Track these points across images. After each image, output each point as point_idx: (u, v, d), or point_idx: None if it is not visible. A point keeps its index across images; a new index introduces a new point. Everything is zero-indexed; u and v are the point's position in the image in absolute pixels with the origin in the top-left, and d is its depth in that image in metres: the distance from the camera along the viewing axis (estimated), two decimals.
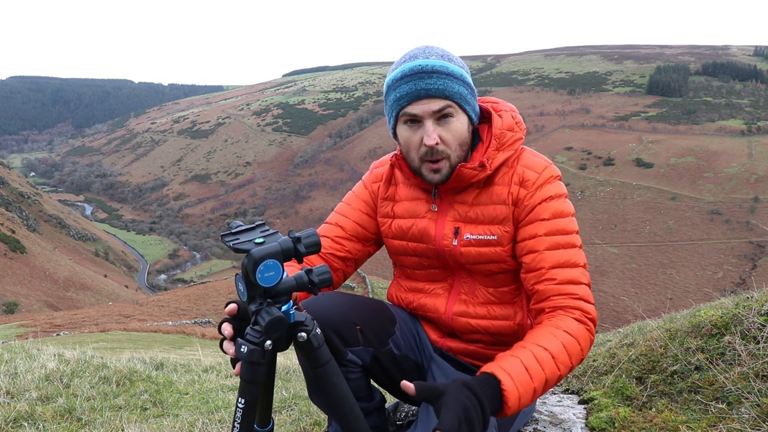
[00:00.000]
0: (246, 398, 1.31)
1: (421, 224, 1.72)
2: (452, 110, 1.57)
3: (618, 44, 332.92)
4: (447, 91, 1.54)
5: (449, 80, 1.55)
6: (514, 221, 1.63)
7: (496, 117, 1.67)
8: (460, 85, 1.57)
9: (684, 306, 3.26)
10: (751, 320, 2.00)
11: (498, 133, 1.64)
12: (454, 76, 1.56)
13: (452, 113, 1.57)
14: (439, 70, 1.54)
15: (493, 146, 1.63)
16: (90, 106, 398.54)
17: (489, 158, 1.62)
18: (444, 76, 1.54)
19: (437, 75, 1.54)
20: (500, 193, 1.64)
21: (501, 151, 1.64)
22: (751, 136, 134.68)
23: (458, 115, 1.59)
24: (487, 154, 1.63)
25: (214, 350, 8.49)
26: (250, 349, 1.25)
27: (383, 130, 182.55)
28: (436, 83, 1.54)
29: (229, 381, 3.59)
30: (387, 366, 1.72)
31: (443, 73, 1.54)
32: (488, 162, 1.61)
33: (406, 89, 1.56)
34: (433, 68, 1.54)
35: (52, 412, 2.66)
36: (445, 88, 1.54)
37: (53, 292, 59.33)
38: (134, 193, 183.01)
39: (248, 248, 1.21)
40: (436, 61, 1.55)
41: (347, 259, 1.82)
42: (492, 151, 1.63)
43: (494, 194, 1.64)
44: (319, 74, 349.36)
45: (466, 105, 1.59)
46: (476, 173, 1.61)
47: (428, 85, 1.54)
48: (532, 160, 1.66)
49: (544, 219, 1.58)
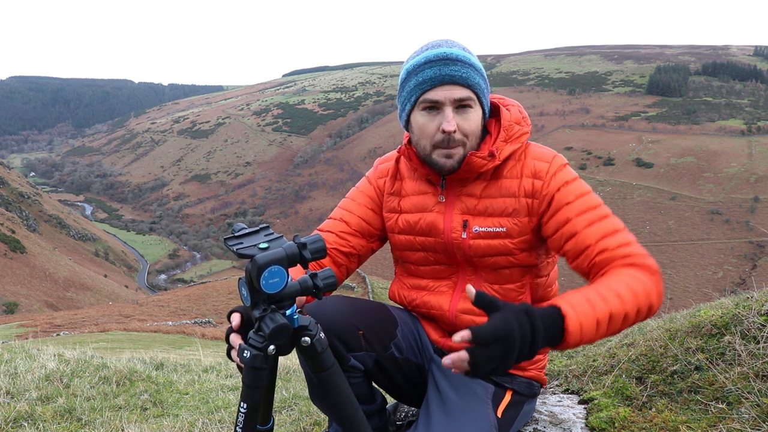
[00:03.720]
0: (248, 403, 1.30)
1: (429, 218, 1.72)
2: (472, 101, 1.58)
3: (618, 44, 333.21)
4: (470, 80, 1.55)
5: (472, 71, 1.56)
6: (534, 213, 1.62)
7: (505, 110, 1.68)
8: (480, 77, 1.58)
9: (684, 306, 3.26)
10: (751, 320, 2.00)
11: (507, 125, 1.65)
12: (476, 68, 1.58)
13: (471, 104, 1.58)
14: (462, 60, 1.55)
15: (501, 137, 1.64)
16: (90, 106, 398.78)
17: (498, 149, 1.62)
18: (467, 66, 1.56)
19: (461, 63, 1.55)
20: (509, 186, 1.64)
21: (509, 143, 1.64)
22: (751, 136, 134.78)
23: (476, 107, 1.60)
24: (496, 144, 1.63)
25: (214, 350, 8.49)
26: (252, 354, 1.24)
27: (383, 130, 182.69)
28: (461, 71, 1.54)
29: (229, 381, 3.59)
30: (389, 369, 1.72)
31: (467, 63, 1.56)
32: (497, 152, 1.62)
33: (430, 74, 1.55)
34: (458, 57, 1.55)
35: (52, 412, 2.66)
36: (468, 77, 1.55)
37: (53, 292, 59.35)
38: (134, 193, 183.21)
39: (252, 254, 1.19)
40: (459, 51, 1.56)
41: (351, 255, 1.81)
42: (500, 142, 1.63)
43: (503, 187, 1.64)
44: (319, 74, 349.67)
45: (483, 98, 1.61)
46: (485, 162, 1.61)
47: (453, 72, 1.54)
48: (539, 152, 1.67)
49: (570, 202, 1.57)
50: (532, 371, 1.78)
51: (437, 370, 1.76)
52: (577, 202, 1.58)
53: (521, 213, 1.63)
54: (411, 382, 1.78)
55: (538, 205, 1.62)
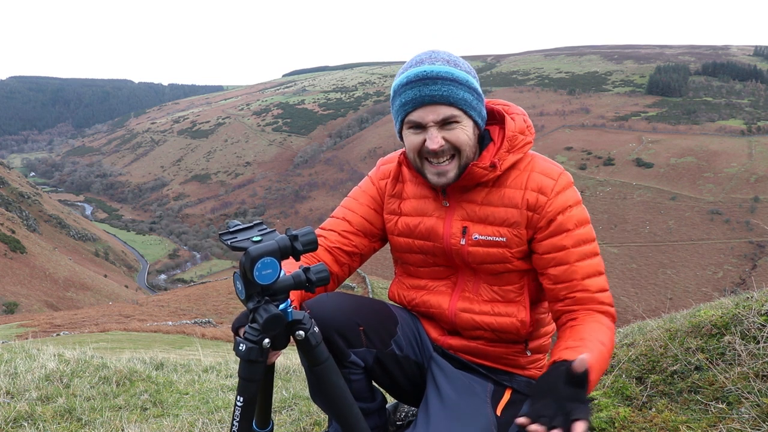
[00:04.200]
0: (244, 396, 1.32)
1: (428, 222, 1.73)
2: (457, 117, 1.57)
3: (618, 44, 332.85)
4: (451, 97, 1.54)
5: (454, 86, 1.54)
6: (531, 226, 1.63)
7: (509, 120, 1.67)
8: (465, 91, 1.56)
9: (684, 306, 3.27)
10: (751, 320, 2.00)
11: (510, 136, 1.65)
12: (459, 81, 1.55)
13: (457, 120, 1.57)
14: (443, 76, 1.53)
15: (504, 148, 1.64)
16: (90, 106, 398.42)
17: (500, 159, 1.63)
18: (449, 82, 1.54)
19: (442, 81, 1.53)
20: (512, 196, 1.64)
21: (512, 153, 1.64)
22: (751, 136, 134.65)
23: (463, 122, 1.58)
24: (498, 155, 1.63)
25: (214, 350, 8.49)
26: (248, 347, 1.26)
27: (383, 130, 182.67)
28: (441, 90, 1.53)
29: (229, 381, 3.59)
30: (389, 367, 1.73)
31: (448, 79, 1.54)
32: (499, 163, 1.62)
33: (411, 95, 1.56)
34: (438, 74, 1.53)
35: (52, 412, 2.66)
36: (450, 95, 1.54)
37: (53, 292, 59.32)
38: (134, 193, 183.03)
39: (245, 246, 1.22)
40: (441, 67, 1.54)
41: (353, 254, 1.82)
42: (503, 152, 1.64)
43: (505, 197, 1.64)
44: (319, 74, 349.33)
45: (471, 111, 1.59)
46: (486, 173, 1.62)
47: (432, 92, 1.53)
48: (546, 167, 1.67)
49: (569, 230, 1.61)
50: (531, 370, 1.79)
51: (437, 369, 1.76)
52: (575, 232, 1.61)
53: (521, 224, 1.63)
54: (411, 380, 1.78)
55: (537, 220, 1.62)
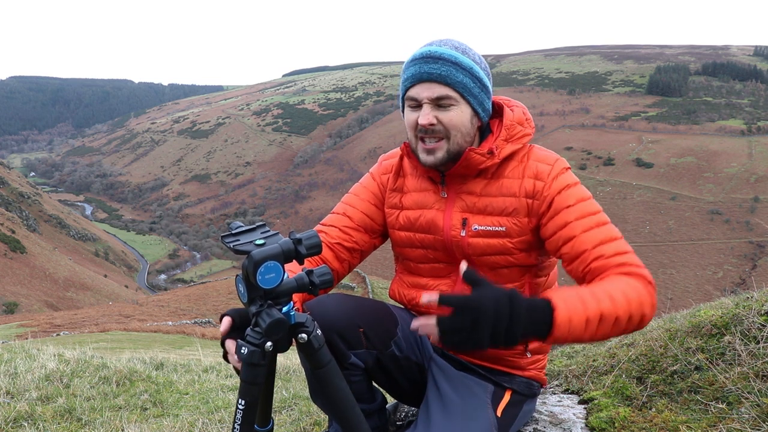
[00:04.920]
0: (246, 399, 1.31)
1: (429, 215, 1.73)
2: (452, 99, 1.57)
3: (618, 44, 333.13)
4: (449, 78, 1.55)
5: (454, 69, 1.55)
6: (534, 214, 1.62)
7: (508, 110, 1.69)
8: (465, 75, 1.57)
9: (684, 306, 3.26)
10: (751, 320, 2.00)
11: (508, 125, 1.66)
12: (462, 66, 1.56)
13: (452, 102, 1.57)
14: (446, 58, 1.55)
15: (502, 136, 1.65)
16: (90, 106, 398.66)
17: (498, 147, 1.63)
18: (450, 64, 1.55)
19: (443, 62, 1.55)
20: (510, 186, 1.65)
21: (510, 142, 1.65)
22: (751, 136, 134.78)
23: (460, 105, 1.59)
24: (496, 143, 1.64)
25: (214, 350, 8.48)
26: (250, 351, 1.25)
27: (383, 130, 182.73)
28: (440, 69, 1.55)
29: (229, 381, 3.59)
30: (389, 368, 1.72)
31: (449, 61, 1.55)
32: (497, 150, 1.62)
33: (411, 71, 1.59)
34: (441, 55, 1.55)
35: (52, 412, 2.66)
36: (448, 75, 1.55)
37: (53, 292, 59.33)
38: (134, 193, 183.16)
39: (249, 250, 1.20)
40: (446, 50, 1.56)
41: (354, 250, 1.82)
42: (501, 140, 1.64)
43: (504, 187, 1.65)
44: (319, 74, 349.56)
45: (468, 95, 1.59)
46: (484, 159, 1.62)
47: (431, 69, 1.55)
48: (542, 155, 1.68)
49: (570, 206, 1.57)
50: (531, 371, 1.78)
51: (437, 370, 1.76)
52: (576, 206, 1.57)
53: (521, 213, 1.63)
54: (411, 381, 1.78)
55: (538, 206, 1.61)
